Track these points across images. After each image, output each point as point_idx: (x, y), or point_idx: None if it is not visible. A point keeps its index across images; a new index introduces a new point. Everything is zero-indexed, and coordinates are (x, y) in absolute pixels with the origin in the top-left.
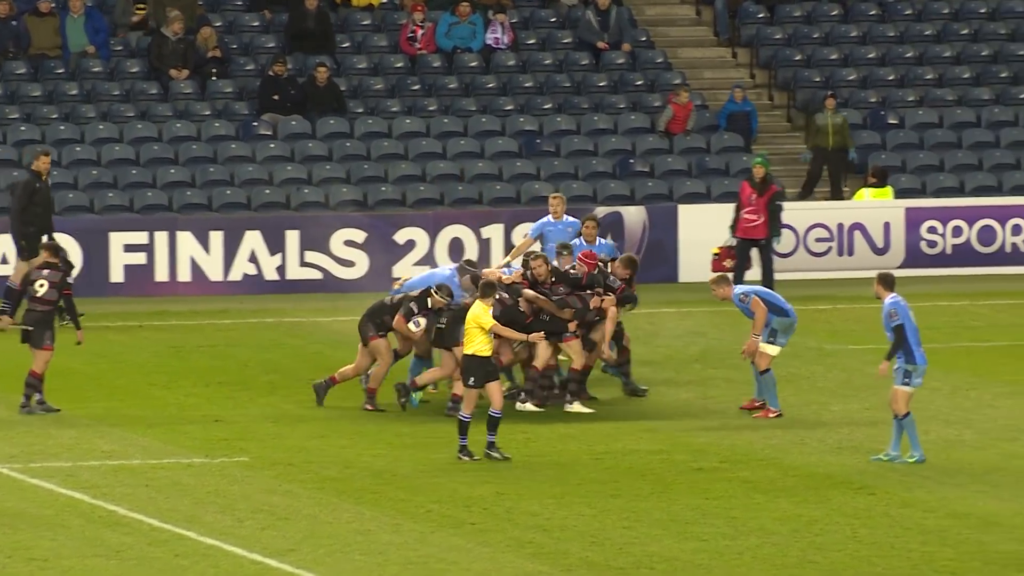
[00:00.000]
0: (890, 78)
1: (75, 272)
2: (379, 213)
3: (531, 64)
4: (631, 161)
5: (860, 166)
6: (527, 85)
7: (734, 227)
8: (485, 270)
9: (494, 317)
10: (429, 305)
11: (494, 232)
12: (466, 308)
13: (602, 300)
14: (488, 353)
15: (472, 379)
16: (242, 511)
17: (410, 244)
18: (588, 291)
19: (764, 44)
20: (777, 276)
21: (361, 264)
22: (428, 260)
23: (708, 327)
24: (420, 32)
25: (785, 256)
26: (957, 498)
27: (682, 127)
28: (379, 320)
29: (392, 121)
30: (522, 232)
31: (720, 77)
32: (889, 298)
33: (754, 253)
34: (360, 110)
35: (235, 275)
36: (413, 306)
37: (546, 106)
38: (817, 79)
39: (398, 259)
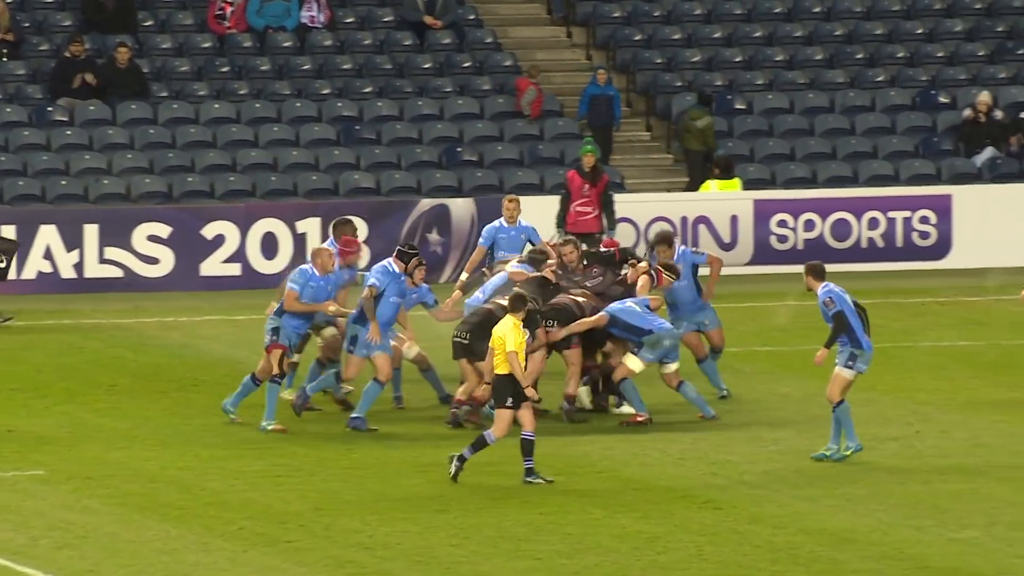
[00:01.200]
0: (737, 59)
1: None
2: (185, 206)
3: (350, 44)
4: (458, 149)
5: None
6: (345, 67)
7: (562, 221)
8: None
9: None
10: None
11: (310, 226)
12: (489, 316)
13: (635, 268)
14: (508, 371)
15: (508, 399)
16: (36, 529)
17: (219, 239)
18: (623, 265)
19: (601, 23)
20: None
21: (166, 261)
22: (239, 257)
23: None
24: (229, 9)
25: None
26: (809, 513)
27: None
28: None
29: (199, 106)
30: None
31: (554, 59)
32: (822, 288)
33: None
34: (164, 94)
35: (28, 273)
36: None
37: (366, 90)
38: (659, 61)
39: (206, 256)
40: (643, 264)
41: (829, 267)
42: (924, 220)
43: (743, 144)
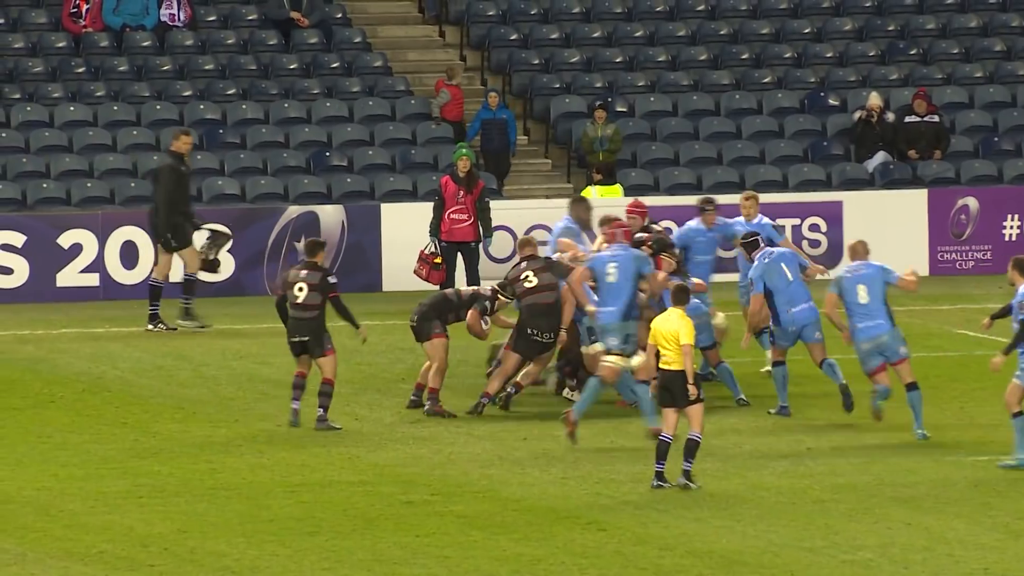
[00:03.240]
0: (618, 60)
1: None
2: (40, 213)
3: (212, 44)
4: (327, 154)
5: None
6: (207, 68)
7: (436, 229)
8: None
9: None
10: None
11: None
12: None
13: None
14: (682, 367)
15: (673, 399)
16: None
17: (76, 248)
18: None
19: (475, 21)
20: (488, 283)
21: (20, 271)
22: (97, 267)
23: (414, 342)
24: (85, 7)
25: (500, 261)
26: (697, 534)
27: (459, 113)
28: (445, 316)
29: (54, 108)
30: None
31: (426, 59)
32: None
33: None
34: (16, 96)
35: None
36: (488, 304)
37: (229, 91)
38: (536, 61)
39: (62, 266)
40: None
41: (713, 277)
42: (814, 228)
43: (625, 148)
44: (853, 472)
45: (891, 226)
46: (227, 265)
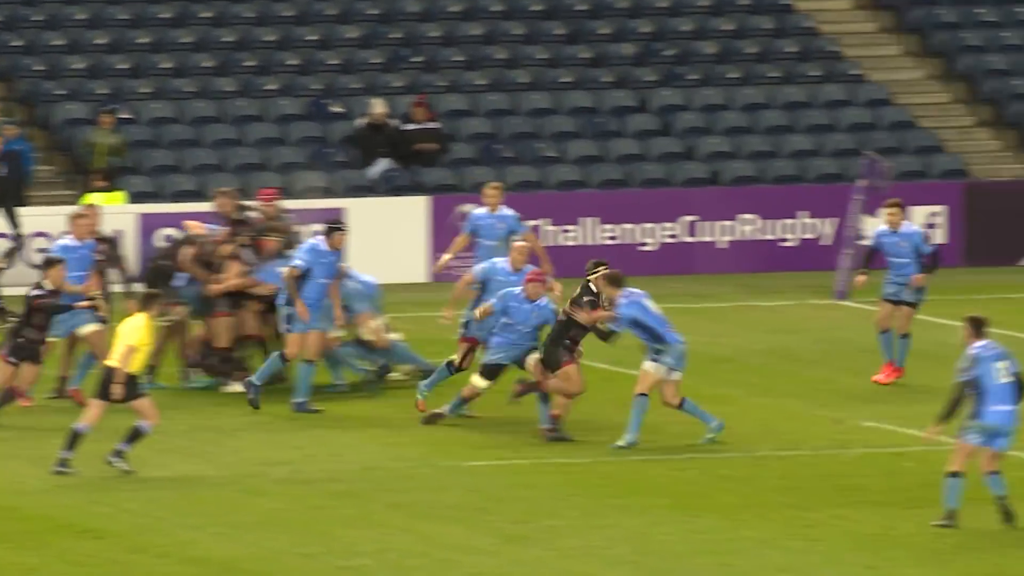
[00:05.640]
0: (123, 66)
1: None
2: None
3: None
4: None
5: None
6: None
7: None
8: None
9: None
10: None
11: None
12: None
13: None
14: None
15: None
16: None
17: None
18: None
19: None
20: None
21: None
22: None
23: None
24: None
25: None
26: (194, 541)
27: None
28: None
29: None
30: None
31: None
32: (623, 295)
33: None
34: None
35: None
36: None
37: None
38: (40, 68)
39: None
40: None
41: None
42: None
43: (130, 155)
44: (351, 478)
45: (394, 232)
46: None
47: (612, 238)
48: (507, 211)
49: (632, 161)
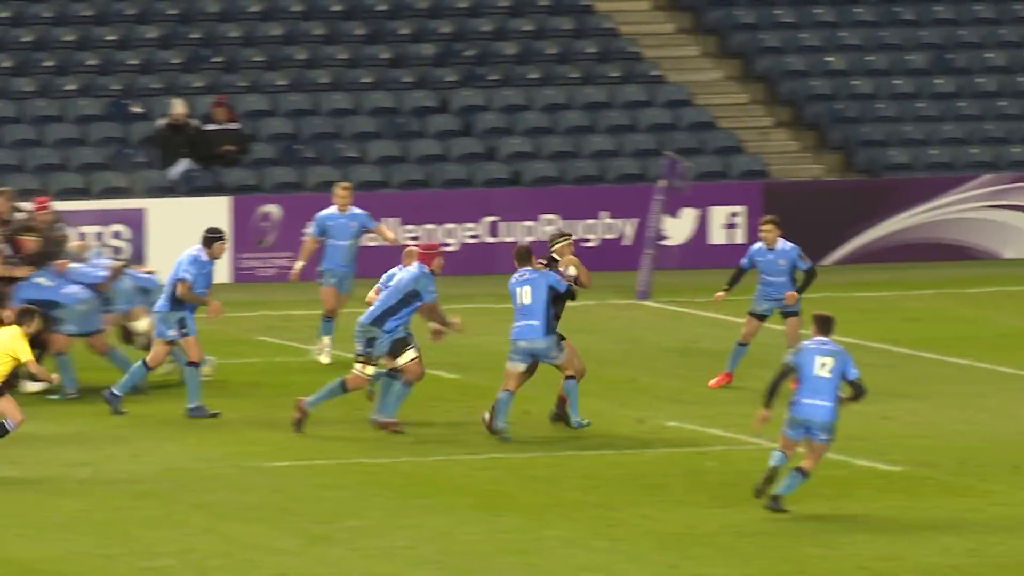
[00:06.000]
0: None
1: None
2: None
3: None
4: None
5: None
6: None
7: None
8: None
9: None
10: None
11: None
12: None
13: None
14: None
15: None
16: None
17: None
18: None
19: None
20: None
21: None
22: None
23: None
24: None
25: None
26: None
27: None
28: None
29: None
30: None
31: None
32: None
33: None
34: None
35: None
36: None
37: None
38: None
39: None
40: None
41: None
42: (117, 235)
43: (12, 154)
44: (152, 479)
45: (195, 233)
46: None
47: (414, 239)
48: (357, 210)
49: (433, 161)
